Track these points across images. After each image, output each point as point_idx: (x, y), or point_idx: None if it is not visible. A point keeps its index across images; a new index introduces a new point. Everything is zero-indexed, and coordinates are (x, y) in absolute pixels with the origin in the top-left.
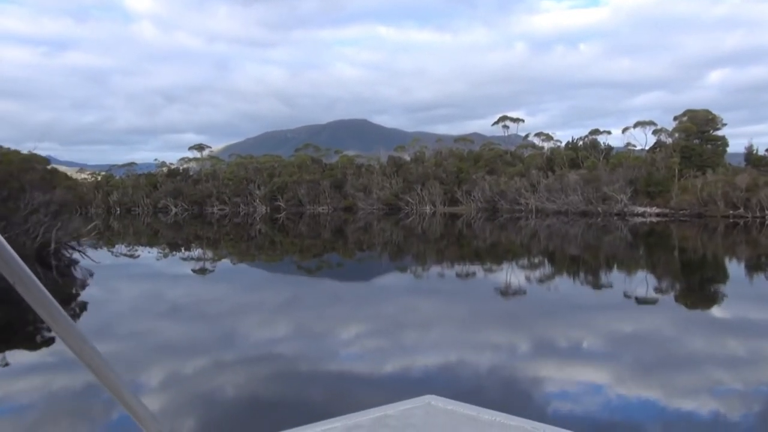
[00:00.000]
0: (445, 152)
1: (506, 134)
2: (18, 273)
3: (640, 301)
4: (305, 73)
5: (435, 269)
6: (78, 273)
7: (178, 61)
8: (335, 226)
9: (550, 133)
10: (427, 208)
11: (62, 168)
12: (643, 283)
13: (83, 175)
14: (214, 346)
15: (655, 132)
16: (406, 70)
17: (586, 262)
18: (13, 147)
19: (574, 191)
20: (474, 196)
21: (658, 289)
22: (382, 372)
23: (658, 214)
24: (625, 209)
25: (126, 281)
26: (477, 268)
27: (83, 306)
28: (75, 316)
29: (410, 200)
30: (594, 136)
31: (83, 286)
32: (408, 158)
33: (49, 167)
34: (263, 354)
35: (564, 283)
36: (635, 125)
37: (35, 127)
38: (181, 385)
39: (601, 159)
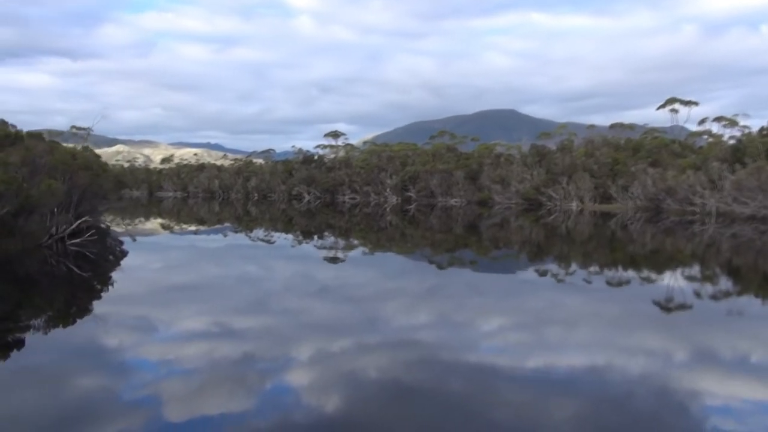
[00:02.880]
0: (598, 141)
1: (671, 124)
2: None
3: None
4: (455, 63)
5: (581, 273)
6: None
7: (333, 53)
8: (468, 220)
9: (735, 118)
10: (574, 204)
11: (228, 154)
12: None
13: (227, 162)
14: (358, 328)
15: None
16: (559, 58)
17: None
18: (186, 135)
19: None
20: (632, 193)
21: None
22: (524, 367)
23: None
24: None
25: (271, 263)
26: (632, 276)
27: (245, 279)
28: (230, 289)
29: (554, 195)
30: None
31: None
32: (553, 147)
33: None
34: (404, 339)
35: (748, 303)
36: None
37: (206, 118)
38: (328, 362)
39: None
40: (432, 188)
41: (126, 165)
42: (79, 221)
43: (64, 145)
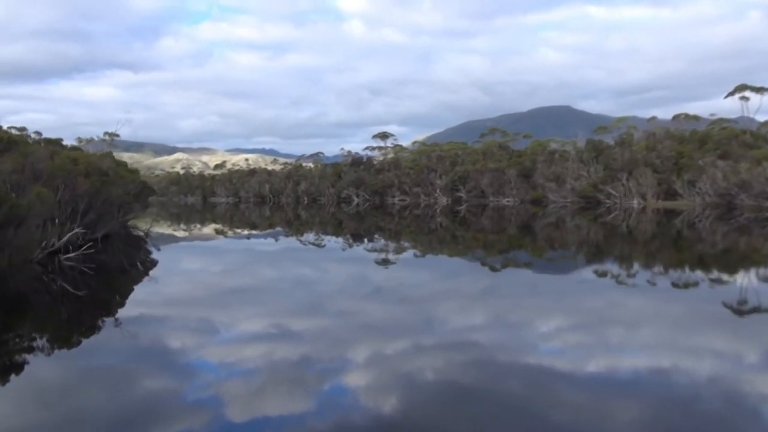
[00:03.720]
0: (660, 133)
1: (739, 114)
2: None
3: None
4: (506, 60)
5: (644, 274)
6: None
7: (384, 56)
8: (522, 220)
9: None
10: (635, 201)
11: (282, 159)
12: None
13: (277, 166)
14: (413, 329)
15: None
16: (615, 51)
17: None
18: (242, 142)
19: None
20: (700, 188)
21: None
22: (585, 369)
23: None
24: None
25: (323, 266)
26: (700, 277)
27: (300, 282)
28: (284, 292)
29: (613, 192)
30: None
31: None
32: (611, 142)
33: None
34: (460, 340)
35: None
36: None
37: (260, 124)
38: (384, 363)
39: None
40: (483, 188)
41: (182, 172)
42: (70, 233)
43: (88, 151)
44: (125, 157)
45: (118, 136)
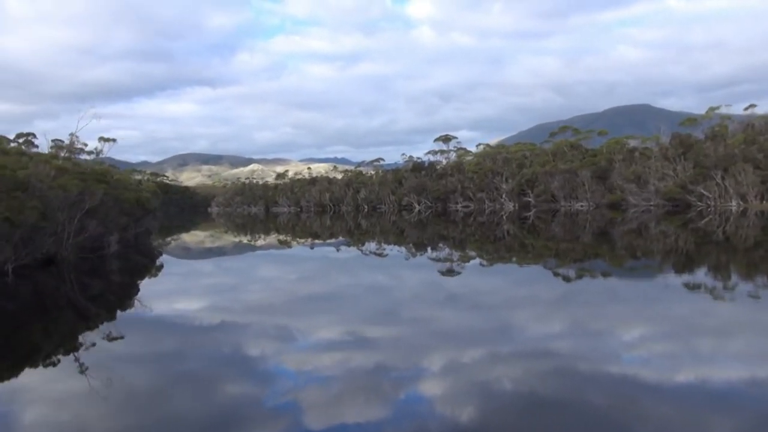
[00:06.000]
0: (760, 124)
1: None
2: None
3: None
4: (581, 60)
5: (743, 288)
6: None
7: (454, 60)
8: (598, 227)
9: None
10: (733, 203)
11: (350, 167)
12: None
13: (338, 174)
14: (490, 336)
15: None
16: (698, 44)
17: None
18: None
19: None
20: None
21: None
22: (673, 381)
23: None
24: None
25: (388, 275)
26: None
27: (374, 290)
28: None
29: (705, 193)
30: None
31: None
32: (701, 136)
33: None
34: (537, 349)
35: None
36: None
37: (333, 133)
38: (461, 372)
39: None
40: (553, 191)
41: (246, 182)
42: None
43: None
44: (204, 169)
45: (114, 140)
